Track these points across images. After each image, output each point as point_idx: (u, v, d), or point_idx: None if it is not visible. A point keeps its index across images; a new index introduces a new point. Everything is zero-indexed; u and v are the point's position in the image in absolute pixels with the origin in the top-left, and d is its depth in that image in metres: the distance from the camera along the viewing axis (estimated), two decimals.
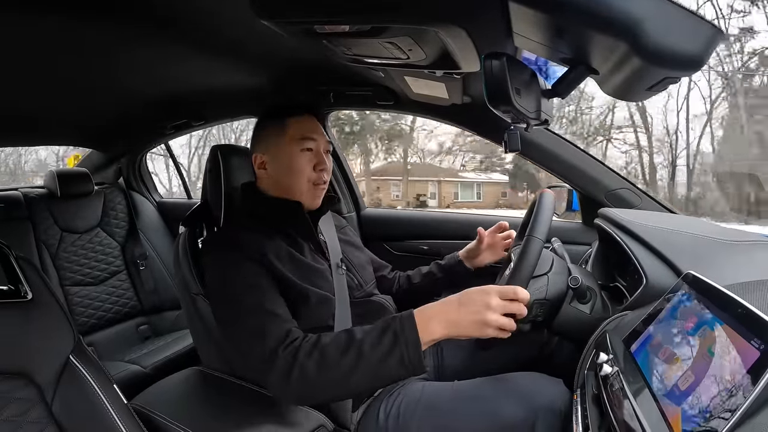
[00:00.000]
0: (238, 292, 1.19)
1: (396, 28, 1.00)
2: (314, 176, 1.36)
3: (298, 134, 1.35)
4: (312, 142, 1.35)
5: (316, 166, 1.36)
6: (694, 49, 0.69)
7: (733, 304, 0.70)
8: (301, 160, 1.34)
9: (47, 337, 1.00)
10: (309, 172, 1.35)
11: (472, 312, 1.05)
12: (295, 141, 1.34)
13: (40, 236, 2.48)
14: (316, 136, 1.37)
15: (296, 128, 1.36)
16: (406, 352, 1.04)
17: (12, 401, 0.92)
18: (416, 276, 1.67)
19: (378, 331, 1.08)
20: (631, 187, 1.79)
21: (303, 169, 1.34)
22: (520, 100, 0.99)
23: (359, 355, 1.05)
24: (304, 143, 1.34)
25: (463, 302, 1.06)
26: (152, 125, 2.65)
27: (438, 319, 1.06)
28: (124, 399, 1.04)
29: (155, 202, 3.09)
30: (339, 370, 1.05)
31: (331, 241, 1.45)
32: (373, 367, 1.04)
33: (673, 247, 1.14)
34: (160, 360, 2.27)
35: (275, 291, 1.21)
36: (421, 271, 1.68)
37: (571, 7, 0.72)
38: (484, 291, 1.06)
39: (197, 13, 1.27)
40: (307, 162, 1.35)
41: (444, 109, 1.91)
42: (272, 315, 1.15)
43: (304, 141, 1.35)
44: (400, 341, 1.04)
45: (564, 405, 1.10)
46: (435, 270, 1.65)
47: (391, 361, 1.04)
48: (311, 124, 1.38)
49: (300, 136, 1.35)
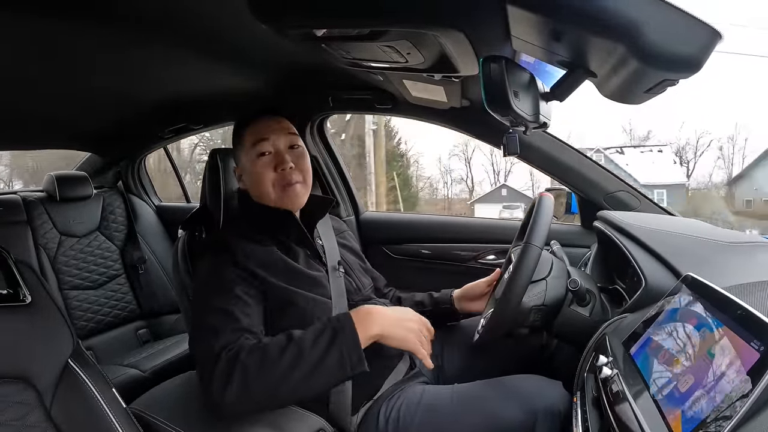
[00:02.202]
0: (209, 292, 1.19)
1: (394, 32, 1.00)
2: (278, 177, 1.32)
3: (251, 140, 1.34)
4: (266, 143, 1.33)
5: (277, 167, 1.32)
6: (692, 51, 0.69)
7: (733, 305, 0.71)
8: (258, 166, 1.32)
9: (46, 341, 1.00)
10: (271, 175, 1.32)
11: (404, 321, 1.17)
12: (251, 148, 1.33)
13: (38, 240, 2.47)
14: (269, 135, 1.33)
15: (250, 135, 1.34)
16: (345, 350, 1.05)
17: (11, 405, 0.91)
18: (407, 301, 1.63)
19: (317, 331, 1.08)
20: (630, 189, 1.79)
21: (264, 174, 1.32)
22: (518, 104, 0.99)
23: (299, 354, 1.04)
24: (258, 147, 1.32)
25: (399, 315, 1.18)
26: (151, 129, 2.65)
27: (374, 317, 1.13)
28: (123, 403, 1.04)
29: (154, 206, 3.08)
30: (279, 368, 1.03)
31: (329, 245, 1.45)
32: (313, 366, 1.04)
33: (672, 249, 1.14)
34: (158, 364, 2.26)
35: (250, 300, 1.19)
36: (413, 298, 1.63)
37: (568, 10, 0.72)
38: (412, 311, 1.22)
39: (196, 17, 1.28)
40: (267, 166, 1.32)
41: (443, 113, 1.91)
42: (232, 319, 1.12)
43: (258, 145, 1.32)
44: (338, 339, 1.06)
45: (563, 407, 1.11)
46: (426, 301, 1.60)
47: (329, 359, 1.04)
48: (264, 126, 1.35)
49: (253, 141, 1.33)
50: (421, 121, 2.07)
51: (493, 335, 1.21)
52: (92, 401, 0.99)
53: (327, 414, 1.24)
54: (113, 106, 2.20)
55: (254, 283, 1.22)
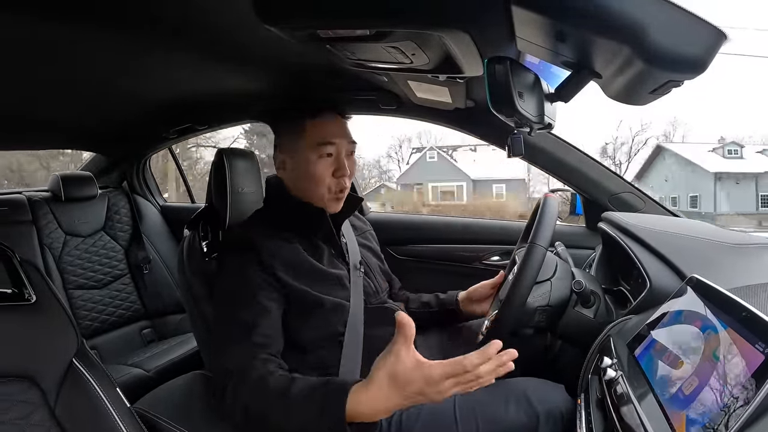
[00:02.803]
0: (232, 298, 1.20)
1: (399, 33, 1.00)
2: (334, 183, 1.30)
3: (316, 139, 1.29)
4: (331, 147, 1.29)
5: (336, 173, 1.30)
6: (697, 51, 0.69)
7: (738, 307, 0.70)
8: (319, 168, 1.29)
9: (50, 340, 1.00)
10: (329, 179, 1.29)
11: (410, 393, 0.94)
12: (313, 147, 1.29)
13: (43, 239, 2.48)
14: (336, 139, 1.30)
15: (314, 132, 1.30)
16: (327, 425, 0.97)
17: (15, 404, 0.92)
18: (414, 302, 1.62)
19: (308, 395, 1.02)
20: (635, 190, 1.79)
21: (322, 176, 1.29)
22: (523, 104, 0.98)
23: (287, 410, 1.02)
24: (322, 149, 1.28)
25: (399, 384, 0.94)
26: (156, 129, 2.65)
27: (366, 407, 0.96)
28: (127, 402, 1.04)
29: (159, 206, 3.09)
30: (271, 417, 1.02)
31: (351, 244, 1.44)
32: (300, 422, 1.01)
33: (677, 250, 1.14)
34: (163, 364, 2.27)
35: (271, 306, 1.19)
36: (420, 299, 1.63)
37: (573, 11, 0.72)
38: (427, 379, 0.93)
39: (201, 19, 1.28)
40: (326, 169, 1.29)
41: (447, 114, 1.92)
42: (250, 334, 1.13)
43: (323, 146, 1.28)
44: (326, 413, 0.97)
45: (566, 410, 1.10)
46: (433, 302, 1.60)
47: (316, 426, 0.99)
48: (331, 127, 1.31)
49: (318, 141, 1.29)
50: (426, 122, 2.07)
51: (497, 336, 1.20)
52: (96, 400, 0.99)
53: None
54: (119, 107, 2.21)
55: (277, 287, 1.22)
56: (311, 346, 1.26)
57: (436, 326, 1.59)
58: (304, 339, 1.25)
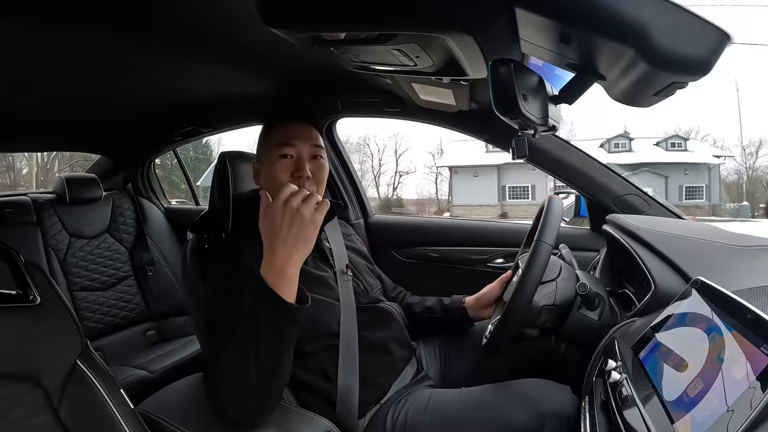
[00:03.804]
0: (217, 305, 1.21)
1: (403, 35, 1.00)
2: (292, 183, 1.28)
3: (276, 140, 1.33)
4: (290, 148, 1.32)
5: (294, 173, 1.31)
6: (702, 53, 0.68)
7: (743, 310, 0.70)
8: (276, 168, 1.31)
9: (55, 341, 1.00)
10: (286, 180, 1.30)
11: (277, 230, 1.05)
12: (274, 148, 1.32)
13: (48, 241, 2.49)
14: (296, 141, 1.33)
15: (276, 135, 1.34)
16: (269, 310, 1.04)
17: (19, 405, 0.92)
18: (418, 306, 1.61)
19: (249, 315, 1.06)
20: (640, 193, 1.78)
21: (278, 177, 1.30)
22: (527, 107, 0.98)
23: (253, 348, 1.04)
24: (281, 149, 1.31)
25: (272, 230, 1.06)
26: (160, 132, 2.67)
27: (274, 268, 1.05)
28: (131, 404, 1.04)
29: (163, 208, 3.10)
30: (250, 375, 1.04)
31: (337, 248, 1.45)
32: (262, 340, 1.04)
33: (681, 253, 1.13)
34: (167, 365, 2.27)
35: None
36: (424, 303, 1.62)
37: (577, 14, 0.72)
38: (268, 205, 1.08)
39: (206, 22, 1.28)
40: (284, 169, 1.31)
41: (451, 116, 1.92)
42: None
43: (282, 147, 1.32)
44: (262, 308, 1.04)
45: (571, 412, 1.10)
46: (437, 307, 1.59)
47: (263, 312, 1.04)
48: (294, 130, 1.34)
49: (278, 142, 1.32)
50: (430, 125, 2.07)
51: (504, 336, 1.19)
52: (100, 402, 0.99)
53: (335, 417, 1.24)
54: (123, 110, 2.22)
55: None
56: (308, 349, 1.27)
57: (441, 330, 1.59)
58: (299, 341, 1.24)
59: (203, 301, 1.27)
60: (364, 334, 1.33)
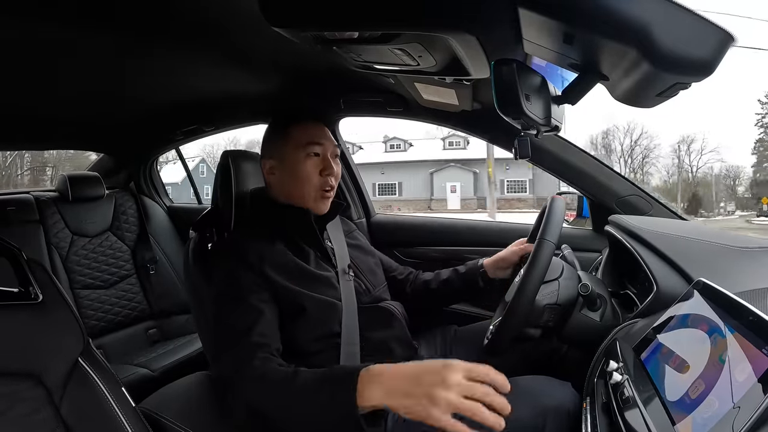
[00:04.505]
0: (225, 304, 1.22)
1: (406, 35, 1.00)
2: (321, 182, 1.35)
3: (303, 140, 1.35)
4: (318, 147, 1.35)
5: (323, 171, 1.35)
6: (705, 54, 0.68)
7: (745, 311, 0.70)
8: (306, 166, 1.34)
9: (56, 339, 1.00)
10: (316, 177, 1.35)
11: (422, 385, 0.90)
12: (301, 147, 1.35)
13: (51, 239, 2.50)
14: (321, 140, 1.36)
15: (300, 134, 1.36)
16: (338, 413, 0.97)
17: (20, 402, 0.92)
18: (434, 281, 1.63)
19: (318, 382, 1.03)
20: (642, 193, 1.78)
21: (309, 174, 1.34)
22: (530, 107, 0.98)
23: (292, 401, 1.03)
24: (309, 148, 1.35)
25: (418, 373, 0.92)
26: (163, 130, 2.67)
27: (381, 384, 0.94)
28: (132, 402, 1.04)
29: (166, 207, 3.11)
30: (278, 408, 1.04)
31: (339, 247, 1.46)
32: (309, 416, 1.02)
33: (683, 254, 1.13)
34: (168, 364, 2.28)
35: (264, 308, 1.21)
36: (440, 277, 1.64)
37: (580, 14, 0.72)
38: (446, 364, 0.91)
39: (209, 21, 1.28)
40: (314, 167, 1.35)
41: (454, 116, 1.91)
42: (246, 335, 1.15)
43: (310, 146, 1.35)
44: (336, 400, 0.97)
45: (573, 407, 1.10)
46: (454, 278, 1.61)
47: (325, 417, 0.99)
48: (316, 130, 1.38)
49: (305, 141, 1.35)
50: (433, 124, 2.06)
51: (506, 335, 1.19)
52: (102, 400, 0.99)
53: None
54: (126, 108, 2.22)
55: (267, 287, 1.24)
56: (311, 349, 1.28)
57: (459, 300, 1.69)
58: (301, 341, 1.26)
59: (209, 302, 1.28)
60: (365, 334, 1.33)
